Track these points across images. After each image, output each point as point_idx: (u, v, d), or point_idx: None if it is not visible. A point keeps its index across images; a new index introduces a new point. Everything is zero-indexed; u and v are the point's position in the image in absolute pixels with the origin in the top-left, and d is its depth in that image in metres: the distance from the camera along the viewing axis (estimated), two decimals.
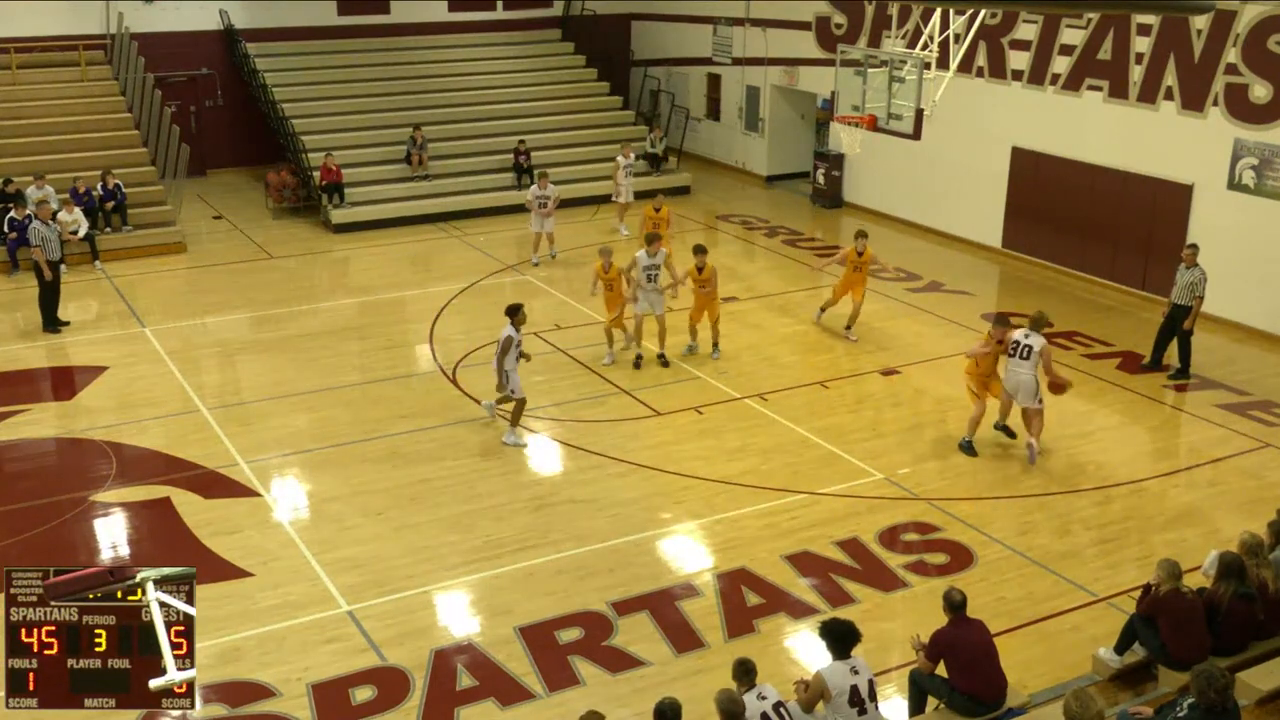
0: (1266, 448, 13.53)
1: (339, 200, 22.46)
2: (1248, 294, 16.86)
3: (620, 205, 22.16)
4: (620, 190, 22.05)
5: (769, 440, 13.59)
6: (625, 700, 9.09)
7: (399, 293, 19.22)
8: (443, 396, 14.81)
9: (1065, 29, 19.14)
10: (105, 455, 13.19)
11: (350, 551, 11.25)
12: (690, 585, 10.70)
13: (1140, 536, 11.68)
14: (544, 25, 28.43)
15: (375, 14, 26.72)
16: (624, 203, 22.09)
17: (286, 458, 13.22)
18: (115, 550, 11.42)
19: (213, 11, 25.45)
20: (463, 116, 25.29)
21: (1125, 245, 18.76)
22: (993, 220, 20.80)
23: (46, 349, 16.56)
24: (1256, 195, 16.73)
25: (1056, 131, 19.54)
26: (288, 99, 24.20)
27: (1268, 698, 8.30)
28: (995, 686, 8.35)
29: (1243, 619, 8.82)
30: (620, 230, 21.94)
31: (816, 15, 23.99)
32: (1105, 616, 10.14)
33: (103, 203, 20.50)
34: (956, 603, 8.30)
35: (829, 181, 24.20)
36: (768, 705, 7.46)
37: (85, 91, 23.44)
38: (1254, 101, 16.64)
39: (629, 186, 22.05)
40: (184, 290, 19.23)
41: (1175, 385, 15.32)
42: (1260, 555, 9.03)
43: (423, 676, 9.38)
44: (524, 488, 12.54)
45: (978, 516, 11.93)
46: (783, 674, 9.01)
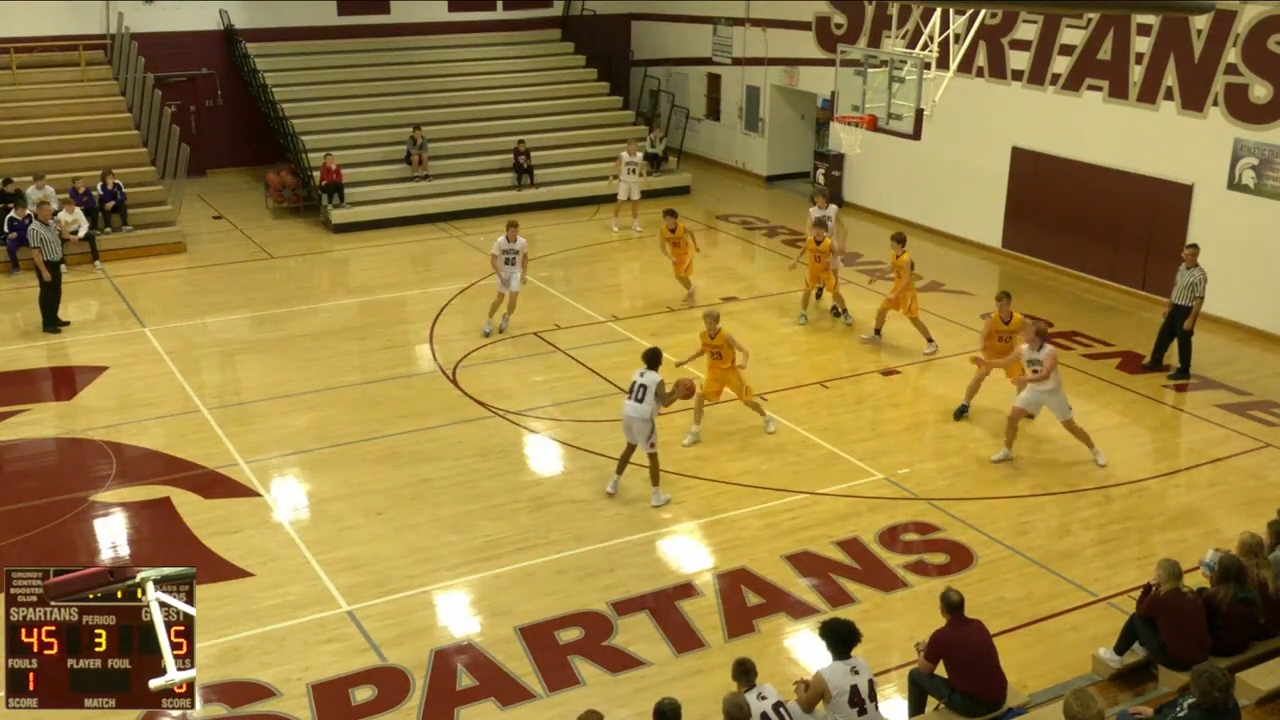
0: (1266, 448, 13.53)
1: (339, 200, 22.47)
2: (1248, 294, 16.86)
3: (624, 203, 22.13)
4: (621, 188, 21.99)
5: (769, 440, 13.58)
6: (625, 700, 9.10)
7: (399, 293, 19.22)
8: (443, 397, 14.81)
9: (1065, 29, 19.14)
10: (105, 455, 13.19)
11: (350, 551, 11.25)
12: (690, 585, 10.71)
13: (1140, 536, 11.69)
14: (544, 25, 28.44)
15: (375, 14, 26.73)
16: (626, 200, 22.06)
17: (286, 458, 13.22)
18: (115, 550, 11.43)
19: (213, 11, 25.46)
20: (463, 116, 25.29)
21: (1125, 245, 18.76)
22: (993, 220, 20.80)
23: (46, 349, 16.56)
24: (1256, 195, 16.73)
25: (1056, 131, 19.54)
26: (288, 99, 24.21)
27: (1268, 698, 8.29)
28: (995, 686, 8.36)
29: (1242, 622, 8.82)
30: (613, 228, 21.92)
31: (816, 15, 23.99)
32: (1105, 616, 10.15)
33: (102, 203, 20.51)
34: (954, 603, 8.31)
35: (829, 181, 24.17)
36: (767, 705, 7.46)
37: (85, 91, 23.46)
38: (1254, 101, 16.64)
39: (634, 184, 21.96)
40: (184, 290, 19.23)
41: (1175, 385, 15.32)
42: (1260, 555, 9.03)
43: (423, 676, 9.38)
44: (524, 488, 12.54)
45: (978, 516, 11.93)
46: (783, 674, 9.01)
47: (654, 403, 11.86)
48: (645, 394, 11.84)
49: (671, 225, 17.84)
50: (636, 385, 11.93)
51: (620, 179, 22.00)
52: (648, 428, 11.94)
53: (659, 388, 11.86)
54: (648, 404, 11.84)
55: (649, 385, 11.85)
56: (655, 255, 20.95)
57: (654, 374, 11.95)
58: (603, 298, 18.45)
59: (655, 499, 12.11)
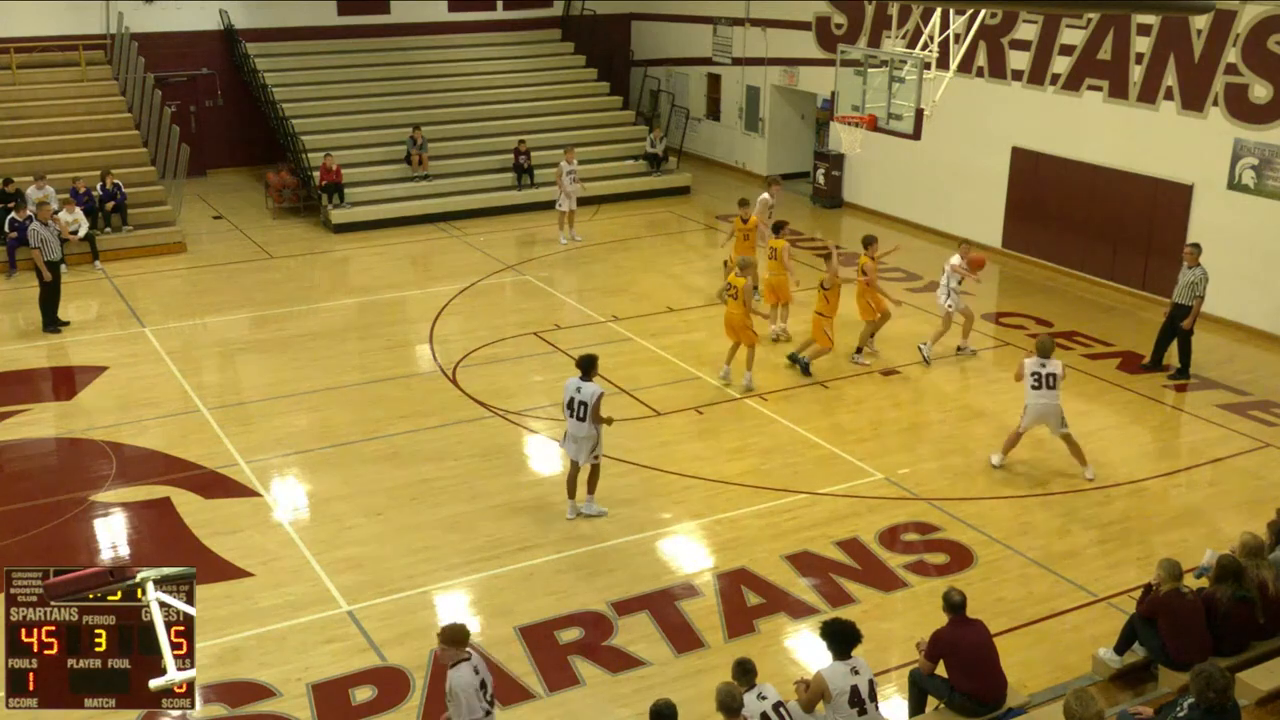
0: (1266, 448, 13.54)
1: (339, 200, 22.47)
2: (1247, 294, 16.88)
3: (561, 213, 21.20)
4: (562, 197, 21.10)
5: (769, 440, 13.59)
6: (626, 700, 9.12)
7: (399, 293, 19.23)
8: (443, 397, 14.82)
9: (1065, 29, 19.15)
10: (105, 455, 13.20)
11: (350, 551, 11.26)
12: (690, 585, 10.72)
13: (1140, 536, 11.69)
14: (544, 25, 28.45)
15: (375, 14, 26.74)
16: (565, 210, 21.15)
17: (286, 458, 13.23)
18: (115, 550, 11.44)
19: (213, 11, 25.47)
20: (463, 116, 25.30)
21: (1125, 245, 18.77)
22: (993, 220, 20.81)
23: (47, 349, 16.57)
24: (1256, 195, 16.74)
25: (1056, 131, 19.55)
26: (287, 99, 24.21)
27: (1268, 698, 8.32)
28: (995, 687, 8.37)
29: (1241, 622, 8.85)
30: (560, 240, 21.26)
31: (816, 15, 24.00)
32: (1105, 616, 10.16)
33: (103, 203, 20.52)
34: (956, 603, 8.32)
35: (829, 181, 24.22)
36: (768, 705, 7.47)
37: (85, 91, 23.47)
38: (1254, 101, 16.65)
39: (573, 193, 21.06)
40: (184, 290, 19.24)
41: (1175, 385, 15.33)
42: (1260, 556, 9.05)
43: (423, 676, 9.39)
44: (524, 488, 12.54)
45: (978, 516, 11.94)
46: (783, 674, 9.02)
47: (594, 422, 11.26)
48: (585, 412, 11.19)
49: (744, 216, 17.50)
50: (576, 403, 11.21)
51: (562, 189, 21.02)
52: (590, 443, 11.37)
53: (596, 406, 11.19)
54: (589, 422, 11.24)
55: (588, 403, 11.16)
56: (655, 256, 21.00)
57: (591, 386, 11.25)
58: (603, 298, 18.45)
59: (588, 508, 11.75)
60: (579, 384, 11.28)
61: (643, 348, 16.37)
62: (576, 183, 21.16)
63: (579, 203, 21.50)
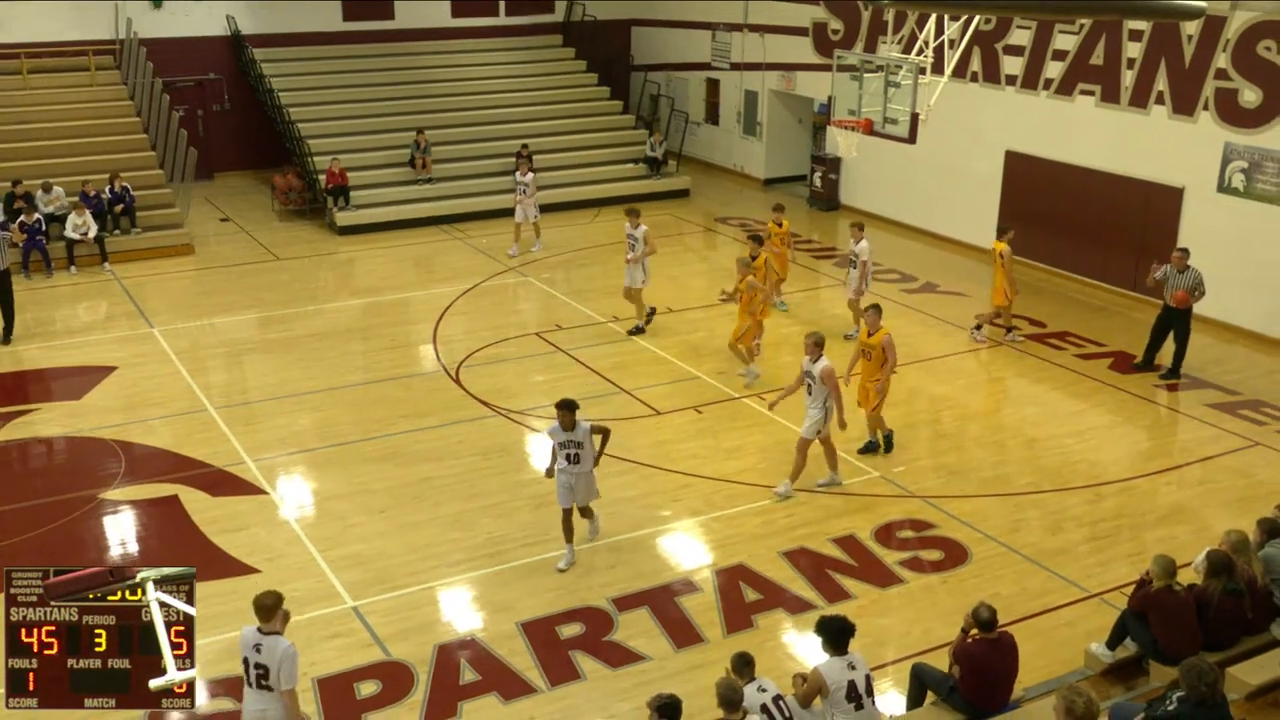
0: (1255, 446, 13.71)
1: (344, 203, 22.67)
2: (1237, 295, 17.03)
3: (522, 225, 20.85)
4: (518, 210, 20.78)
5: (767, 439, 13.75)
6: (626, 694, 9.25)
7: (403, 294, 19.39)
8: (445, 396, 15.00)
9: (1058, 34, 19.30)
10: (114, 454, 13.37)
11: (354, 548, 11.41)
12: (689, 581, 10.86)
13: (1131, 534, 11.86)
14: (545, 31, 28.61)
15: (380, 19, 26.89)
16: (519, 222, 20.81)
17: (292, 456, 13.40)
18: (124, 547, 11.60)
19: (220, 17, 25.60)
20: (466, 120, 25.46)
21: (1117, 247, 18.94)
22: (987, 222, 20.91)
23: (56, 350, 16.72)
24: (1246, 198, 16.92)
25: (1049, 135, 19.72)
26: (294, 103, 24.39)
27: (1257, 692, 8.40)
28: (997, 703, 8.32)
29: (1232, 615, 8.91)
30: (511, 251, 20.85)
31: (813, 21, 24.18)
32: (1097, 612, 10.29)
33: (111, 205, 20.70)
34: (985, 620, 8.15)
35: (826, 184, 24.40)
36: (767, 698, 7.54)
37: (94, 96, 23.64)
38: (1244, 106, 16.83)
39: (529, 205, 20.66)
40: (191, 291, 19.41)
41: (1166, 385, 15.50)
42: (1246, 552, 9.15)
43: (426, 671, 9.53)
44: (525, 486, 12.67)
45: (971, 513, 12.10)
46: (781, 669, 9.15)
47: (590, 462, 10.82)
48: (581, 452, 10.69)
49: (779, 220, 17.70)
50: (570, 444, 10.64)
51: (517, 200, 20.73)
52: (589, 479, 10.91)
53: (590, 442, 10.71)
54: (586, 461, 10.78)
55: (583, 441, 10.65)
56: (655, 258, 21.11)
57: (583, 424, 10.69)
58: (603, 299, 18.60)
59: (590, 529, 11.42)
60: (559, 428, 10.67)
61: (642, 348, 16.55)
62: (529, 194, 20.61)
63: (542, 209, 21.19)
